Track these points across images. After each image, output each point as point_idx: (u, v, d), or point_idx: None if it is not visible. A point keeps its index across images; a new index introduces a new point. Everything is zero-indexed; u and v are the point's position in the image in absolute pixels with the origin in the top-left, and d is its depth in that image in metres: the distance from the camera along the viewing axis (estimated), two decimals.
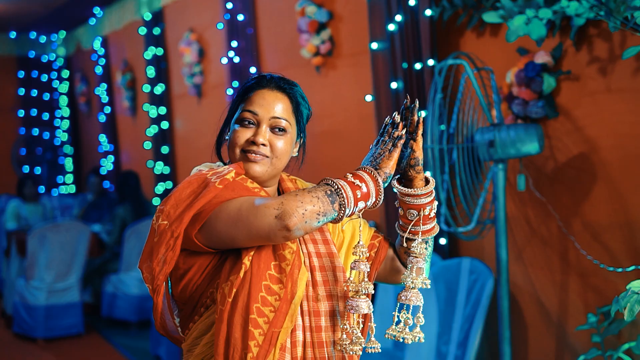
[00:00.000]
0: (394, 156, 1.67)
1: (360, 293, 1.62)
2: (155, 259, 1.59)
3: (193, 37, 6.52)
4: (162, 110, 7.21)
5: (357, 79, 4.53)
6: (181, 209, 1.59)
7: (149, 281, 1.61)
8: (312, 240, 1.74)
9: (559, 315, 3.34)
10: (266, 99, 1.72)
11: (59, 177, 10.33)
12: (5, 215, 7.42)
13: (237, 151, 1.71)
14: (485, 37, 3.63)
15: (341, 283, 1.70)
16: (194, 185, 1.63)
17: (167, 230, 1.59)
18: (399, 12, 3.92)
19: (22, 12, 8.65)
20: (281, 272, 1.61)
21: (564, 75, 3.23)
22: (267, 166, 1.71)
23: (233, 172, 1.65)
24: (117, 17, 8.19)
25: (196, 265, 1.65)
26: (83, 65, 9.74)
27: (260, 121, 1.71)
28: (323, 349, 1.65)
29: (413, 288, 1.70)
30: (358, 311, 1.61)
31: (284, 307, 1.59)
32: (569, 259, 3.26)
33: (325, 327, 1.66)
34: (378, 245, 1.84)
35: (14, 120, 10.38)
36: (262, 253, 1.61)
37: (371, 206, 1.65)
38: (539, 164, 3.36)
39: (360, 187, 1.60)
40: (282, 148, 1.72)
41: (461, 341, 3.50)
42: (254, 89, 1.74)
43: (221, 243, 1.60)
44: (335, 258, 1.73)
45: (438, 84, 3.20)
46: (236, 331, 1.56)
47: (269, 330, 1.57)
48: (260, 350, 1.56)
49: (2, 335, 6.35)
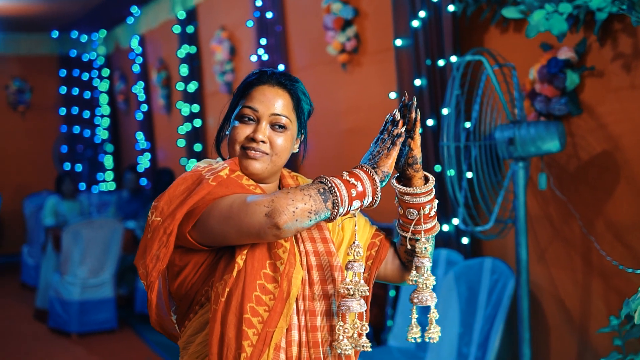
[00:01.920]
0: (392, 154, 1.64)
1: (354, 294, 1.60)
2: (148, 256, 1.59)
3: (224, 35, 6.55)
4: (195, 108, 7.26)
5: (382, 76, 4.49)
6: (174, 205, 1.59)
7: (144, 277, 1.62)
8: (310, 239, 1.72)
9: (581, 317, 3.26)
10: (266, 95, 1.70)
11: (99, 174, 10.50)
12: (44, 212, 7.56)
13: (236, 148, 1.69)
14: (509, 33, 3.56)
15: (338, 282, 1.68)
16: (188, 182, 1.62)
17: (160, 226, 1.59)
18: (423, 8, 3.88)
19: (64, 12, 8.80)
20: (276, 271, 1.59)
21: (587, 71, 3.15)
22: (267, 163, 1.69)
23: (227, 169, 1.65)
24: (153, 15, 8.29)
25: (192, 263, 1.64)
26: (122, 63, 9.87)
27: (260, 118, 1.69)
28: (318, 349, 1.63)
29: (426, 288, 1.68)
30: (350, 311, 1.58)
31: (279, 307, 1.57)
32: (591, 260, 3.18)
33: (321, 326, 1.64)
34: (379, 244, 1.81)
35: (56, 118, 10.58)
36: (256, 252, 1.59)
37: (368, 205, 1.62)
38: (561, 162, 3.29)
39: (356, 186, 1.57)
40: (281, 145, 1.70)
41: (482, 342, 3.44)
42: (255, 84, 1.72)
43: (214, 240, 1.59)
44: (333, 257, 1.71)
45: (455, 81, 3.14)
46: (230, 331, 1.55)
47: (263, 329, 1.56)
48: (254, 350, 1.55)
49: (38, 329, 6.48)
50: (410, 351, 3.97)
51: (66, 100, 10.50)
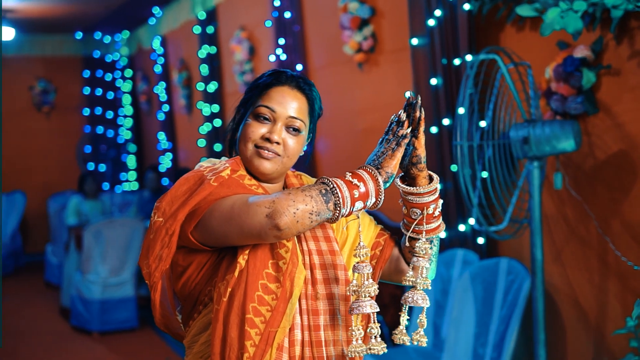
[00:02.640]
0: (396, 155, 1.63)
1: (362, 296, 1.59)
2: (151, 256, 1.60)
3: (244, 35, 6.57)
4: (215, 108, 7.29)
5: (398, 75, 4.48)
6: (176, 206, 1.60)
7: (147, 278, 1.63)
8: (313, 238, 1.72)
9: (597, 318, 3.22)
10: (285, 97, 1.70)
11: (122, 174, 10.59)
12: (67, 211, 7.64)
13: (249, 146, 1.69)
14: (525, 32, 3.53)
15: (342, 281, 1.68)
16: (190, 182, 1.63)
17: (162, 227, 1.59)
18: (438, 6, 3.86)
19: (87, 13, 8.89)
20: (278, 271, 1.59)
21: (604, 70, 3.11)
22: (278, 164, 1.69)
23: (228, 169, 1.65)
24: (174, 16, 8.34)
25: (195, 263, 1.65)
26: (144, 64, 9.94)
27: (276, 119, 1.69)
28: (321, 348, 1.63)
29: (419, 290, 1.66)
30: (361, 312, 1.58)
31: (282, 306, 1.57)
32: (607, 261, 3.15)
33: (324, 325, 1.64)
34: (383, 244, 1.80)
35: (80, 118, 10.69)
36: (258, 252, 1.59)
37: (371, 206, 1.61)
38: (577, 162, 3.25)
39: (359, 187, 1.56)
40: (294, 148, 1.71)
41: (497, 343, 3.42)
42: (274, 84, 1.71)
43: (215, 241, 1.60)
44: (336, 256, 1.71)
45: (469, 80, 3.12)
46: (232, 331, 1.55)
47: (265, 329, 1.56)
48: (256, 350, 1.55)
49: (61, 327, 6.55)
50: (427, 351, 3.96)
51: (90, 101, 10.60)
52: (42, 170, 10.39)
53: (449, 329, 3.69)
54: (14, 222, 9.37)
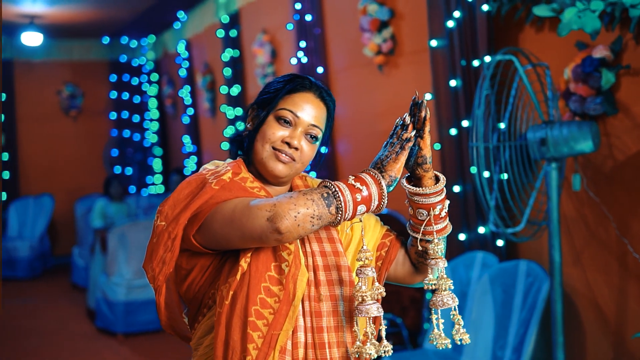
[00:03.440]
0: (400, 159, 1.63)
1: (368, 299, 1.58)
2: (155, 260, 1.61)
3: (266, 39, 6.59)
4: (239, 111, 7.32)
5: (417, 77, 4.46)
6: (178, 210, 1.60)
7: (151, 281, 1.64)
8: (317, 239, 1.72)
9: (616, 321, 3.18)
10: (310, 104, 1.70)
11: (149, 177, 10.68)
12: (93, 214, 7.73)
13: (267, 147, 1.68)
14: (544, 32, 3.50)
15: (346, 282, 1.67)
16: (192, 186, 1.63)
17: (164, 231, 1.60)
18: (457, 8, 3.84)
19: (114, 18, 8.99)
20: (281, 274, 1.59)
21: (623, 70, 3.07)
22: (292, 169, 1.69)
23: (230, 172, 1.65)
24: (198, 20, 8.40)
25: (198, 266, 1.65)
26: (169, 68, 10.02)
27: (297, 124, 1.69)
28: (325, 350, 1.62)
29: (445, 290, 1.64)
30: (367, 315, 1.57)
31: (284, 309, 1.58)
32: (627, 263, 3.10)
33: (328, 327, 1.64)
34: (389, 245, 1.79)
35: (107, 122, 10.80)
36: (260, 255, 1.59)
37: (375, 210, 1.61)
38: (597, 163, 3.21)
39: (361, 190, 1.56)
40: (309, 155, 1.71)
41: (517, 346, 3.39)
42: (299, 90, 1.71)
43: (218, 244, 1.60)
44: (340, 257, 1.70)
45: (485, 81, 3.10)
46: (235, 334, 1.56)
47: (268, 332, 1.56)
48: (259, 353, 1.55)
49: (87, 328, 6.62)
50: (447, 354, 3.93)
51: (116, 105, 10.71)
52: (70, 174, 10.52)
53: (467, 331, 3.67)
54: (42, 224, 9.51)
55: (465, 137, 3.86)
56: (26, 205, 9.73)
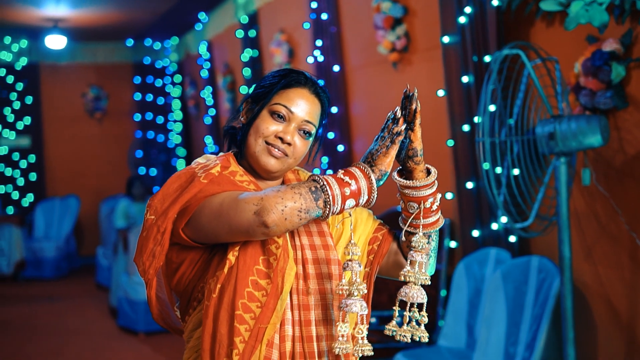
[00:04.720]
0: (390, 153, 1.62)
1: (353, 294, 1.58)
2: (144, 254, 1.62)
3: (283, 38, 6.61)
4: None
5: (430, 74, 4.45)
6: (167, 203, 1.61)
7: (142, 275, 1.65)
8: (307, 232, 1.71)
9: (628, 317, 3.14)
10: (305, 100, 1.69)
11: None
12: (115, 214, 7.81)
13: (259, 141, 1.67)
14: (554, 27, 3.47)
15: (335, 276, 1.67)
16: (181, 180, 1.64)
17: (154, 225, 1.61)
18: (469, 3, 3.83)
19: (137, 20, 9.08)
20: (269, 267, 1.59)
21: (633, 63, 3.04)
22: (284, 164, 1.69)
23: (219, 166, 1.66)
24: (219, 21, 8.45)
25: (188, 260, 1.66)
26: (191, 69, 10.09)
27: (291, 119, 1.68)
28: (312, 344, 1.62)
29: (414, 284, 1.63)
30: (350, 311, 1.57)
31: (271, 303, 1.57)
32: (638, 258, 3.07)
33: (316, 321, 1.64)
34: (381, 239, 1.78)
35: (131, 123, 10.91)
36: (248, 248, 1.60)
37: (364, 204, 1.60)
38: (607, 157, 3.18)
39: (350, 184, 1.55)
40: (301, 150, 1.70)
41: (529, 342, 3.37)
42: (294, 85, 1.70)
43: (206, 237, 1.61)
44: (330, 250, 1.70)
45: (492, 75, 3.09)
46: (222, 327, 1.56)
47: (255, 326, 1.56)
48: (246, 347, 1.56)
49: (109, 327, 6.70)
50: (460, 351, 3.92)
51: (141, 107, 10.81)
52: (95, 175, 10.65)
53: (480, 328, 3.65)
54: (68, 225, 9.64)
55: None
56: (52, 207, 9.87)
